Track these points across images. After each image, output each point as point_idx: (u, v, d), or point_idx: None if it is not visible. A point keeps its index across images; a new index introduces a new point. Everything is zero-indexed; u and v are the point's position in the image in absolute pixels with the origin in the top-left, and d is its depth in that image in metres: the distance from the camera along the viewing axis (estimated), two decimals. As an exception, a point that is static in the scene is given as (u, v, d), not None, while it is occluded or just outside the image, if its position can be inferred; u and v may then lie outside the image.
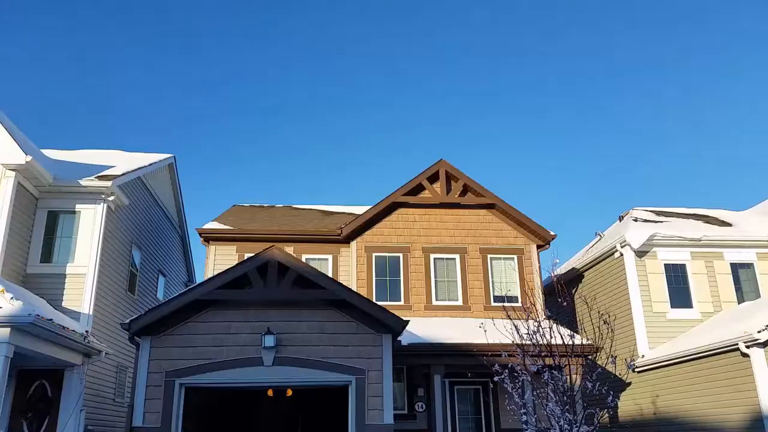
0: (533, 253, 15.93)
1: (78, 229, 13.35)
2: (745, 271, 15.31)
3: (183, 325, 10.42)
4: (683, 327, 14.36)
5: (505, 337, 10.03)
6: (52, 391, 12.27)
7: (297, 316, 10.76)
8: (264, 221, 16.95)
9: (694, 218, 17.04)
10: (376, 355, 10.69)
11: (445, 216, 16.22)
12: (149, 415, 9.85)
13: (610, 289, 15.68)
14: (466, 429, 14.89)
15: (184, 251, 21.44)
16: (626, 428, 14.21)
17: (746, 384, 11.08)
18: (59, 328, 10.75)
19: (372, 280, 15.49)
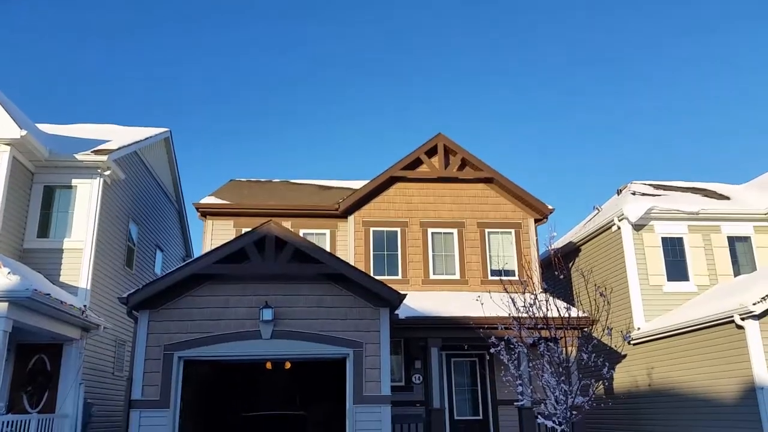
0: (531, 227, 15.94)
1: (74, 204, 13.30)
2: (741, 245, 15.36)
3: (181, 299, 10.47)
4: (679, 300, 14.45)
5: (501, 310, 10.09)
6: (51, 365, 12.34)
7: (295, 290, 10.81)
8: (261, 196, 16.91)
9: (692, 192, 17.03)
10: (374, 329, 10.78)
11: (443, 190, 16.18)
12: (148, 388, 9.94)
13: (607, 263, 15.74)
14: (463, 400, 15.06)
15: (182, 226, 21.42)
16: (621, 399, 14.37)
17: (740, 356, 11.18)
18: (57, 302, 10.77)
19: (370, 255, 15.52)
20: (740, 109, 51.80)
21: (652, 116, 53.97)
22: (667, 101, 53.63)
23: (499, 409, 14.73)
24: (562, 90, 55.65)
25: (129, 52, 53.94)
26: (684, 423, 12.69)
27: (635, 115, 54.21)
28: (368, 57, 58.34)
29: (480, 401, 15.03)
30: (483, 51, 56.52)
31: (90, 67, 52.94)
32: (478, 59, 56.75)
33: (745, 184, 18.18)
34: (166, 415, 9.82)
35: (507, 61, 56.31)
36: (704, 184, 18.11)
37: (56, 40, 51.84)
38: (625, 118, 54.79)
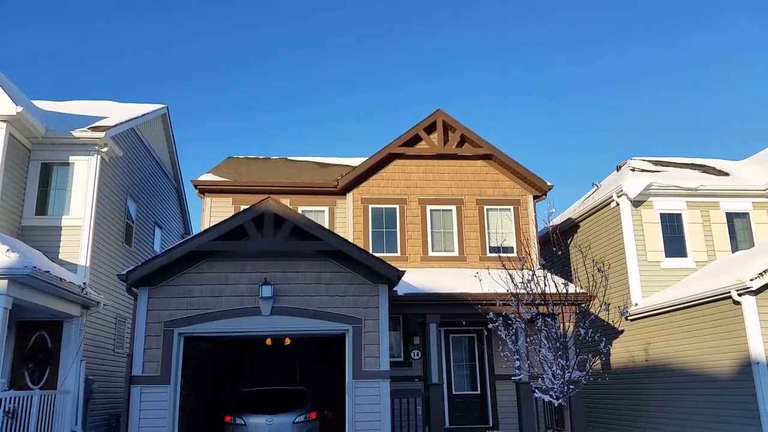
0: (530, 203, 15.93)
1: (72, 181, 13.25)
2: (740, 221, 15.36)
3: (180, 276, 10.50)
4: (677, 276, 14.49)
5: (500, 286, 10.12)
6: (52, 342, 12.42)
7: (294, 267, 10.84)
8: (260, 173, 16.85)
9: (691, 168, 16.99)
10: (373, 305, 10.84)
11: (442, 167, 16.13)
12: (148, 364, 10.02)
13: (606, 239, 15.76)
14: (461, 376, 15.20)
15: (180, 203, 21.39)
16: (618, 374, 14.51)
17: (737, 331, 11.26)
18: (56, 279, 10.80)
19: (368, 232, 15.52)
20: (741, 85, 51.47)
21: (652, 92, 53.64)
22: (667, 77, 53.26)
23: (497, 383, 14.89)
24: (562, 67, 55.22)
25: (124, 30, 53.36)
26: (680, 397, 12.83)
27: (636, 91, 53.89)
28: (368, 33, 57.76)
29: (478, 376, 15.17)
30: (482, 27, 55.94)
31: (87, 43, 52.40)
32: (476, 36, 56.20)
33: (744, 160, 18.13)
34: (166, 390, 9.92)
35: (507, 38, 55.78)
36: (703, 160, 18.06)
37: (51, 17, 51.24)
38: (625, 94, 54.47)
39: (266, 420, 11.23)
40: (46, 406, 10.91)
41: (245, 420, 11.22)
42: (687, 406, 12.57)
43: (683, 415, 12.66)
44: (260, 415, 11.29)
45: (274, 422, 11.22)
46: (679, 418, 12.79)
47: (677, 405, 12.92)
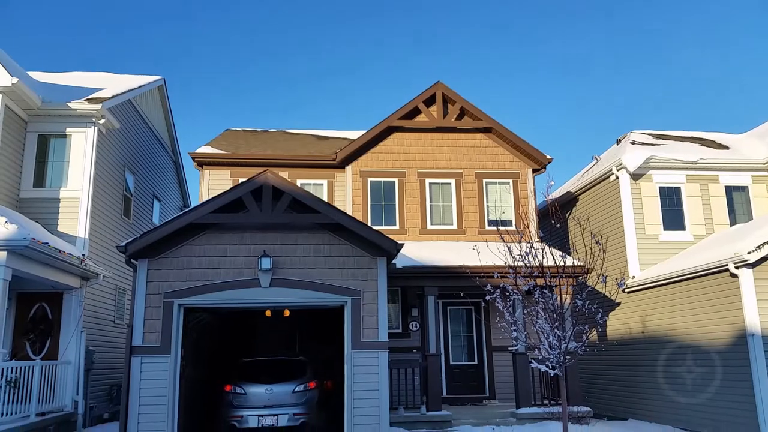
0: (529, 177, 15.91)
1: (69, 153, 13.20)
2: (739, 194, 15.36)
3: (179, 247, 10.52)
4: (675, 249, 14.53)
5: (498, 258, 10.15)
6: (52, 314, 12.50)
7: (293, 239, 10.86)
8: (258, 146, 16.78)
9: (691, 141, 16.92)
10: (371, 277, 10.89)
11: (441, 140, 16.07)
12: (149, 334, 10.09)
13: (604, 212, 15.77)
14: (458, 347, 15.36)
15: (178, 176, 21.34)
16: (614, 345, 14.64)
17: (733, 304, 11.33)
18: (55, 251, 10.82)
19: (367, 205, 15.52)
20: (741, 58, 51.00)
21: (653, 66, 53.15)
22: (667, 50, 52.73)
23: (494, 354, 15.07)
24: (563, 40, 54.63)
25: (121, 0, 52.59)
26: (676, 369, 12.97)
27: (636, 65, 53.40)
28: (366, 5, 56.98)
29: (475, 347, 15.33)
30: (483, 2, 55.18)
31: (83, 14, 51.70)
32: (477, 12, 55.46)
33: (744, 133, 18.05)
34: (167, 360, 10.00)
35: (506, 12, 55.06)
36: (704, 133, 17.97)
37: (45, -14, 50.46)
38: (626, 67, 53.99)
39: (266, 389, 11.36)
40: (47, 376, 11.02)
41: (245, 389, 11.35)
42: (682, 378, 12.71)
43: (678, 385, 12.81)
44: (260, 385, 11.42)
45: (273, 391, 11.35)
46: (674, 388, 12.95)
47: (673, 376, 13.06)
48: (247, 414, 11.15)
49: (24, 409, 10.24)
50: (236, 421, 11.16)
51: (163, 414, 9.79)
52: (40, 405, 10.73)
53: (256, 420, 11.13)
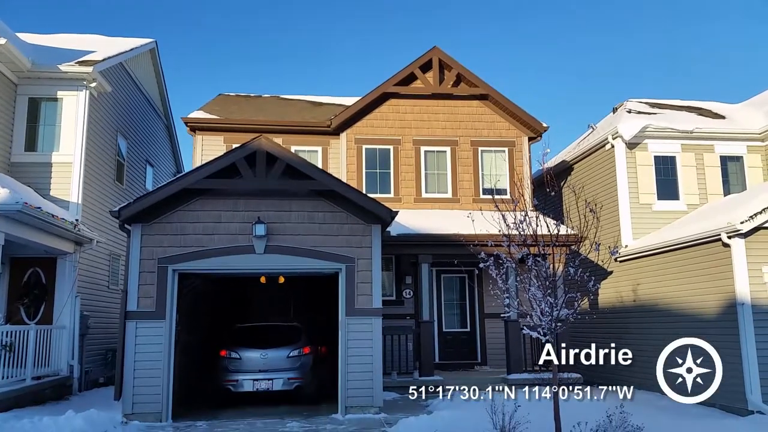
0: (524, 145, 15.87)
1: (61, 117, 13.04)
2: (734, 164, 15.36)
3: (173, 213, 10.47)
4: (669, 218, 14.58)
5: (492, 226, 10.15)
6: (46, 279, 12.51)
7: (287, 206, 10.82)
8: (251, 111, 16.62)
9: (688, 110, 16.85)
10: (366, 245, 10.89)
11: (437, 107, 15.94)
12: (143, 299, 10.11)
13: (599, 181, 15.77)
14: (451, 314, 15.51)
15: (171, 142, 21.16)
16: (606, 313, 14.79)
17: (724, 273, 11.42)
18: (48, 216, 10.77)
19: (362, 173, 15.47)
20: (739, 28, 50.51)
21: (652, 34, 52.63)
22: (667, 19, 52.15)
23: (486, 322, 15.23)
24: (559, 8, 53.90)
25: (110, -41, 51.36)
26: (665, 336, 13.12)
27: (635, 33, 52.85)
28: (362, -33, 55.89)
29: (468, 315, 15.49)
30: (481, -38, 54.20)
31: (70, -26, 50.52)
32: (476, -29, 54.52)
33: (741, 103, 17.97)
34: (162, 325, 10.05)
35: (506, -27, 54.11)
36: (700, 103, 17.89)
37: (33, -55, 49.15)
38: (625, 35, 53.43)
39: (261, 354, 11.47)
40: (42, 340, 11.07)
41: (240, 354, 11.46)
42: (671, 345, 12.88)
43: (667, 353, 12.99)
44: (255, 350, 11.53)
45: (268, 356, 11.46)
46: (663, 356, 13.13)
47: (662, 344, 13.21)
48: (243, 378, 11.28)
49: (20, 372, 10.31)
50: (231, 385, 11.29)
51: (158, 378, 9.87)
52: (36, 369, 10.81)
53: (251, 384, 11.26)
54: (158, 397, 9.84)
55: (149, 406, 9.79)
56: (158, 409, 9.80)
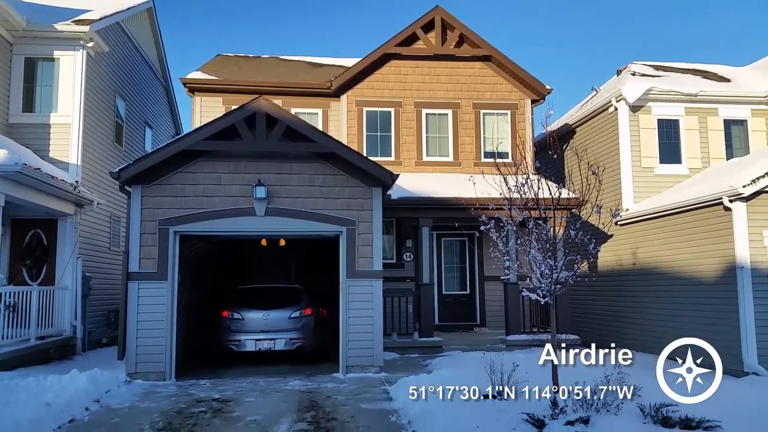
0: (527, 107, 15.71)
1: (58, 77, 12.89)
2: (737, 128, 15.24)
3: (173, 175, 10.43)
4: (670, 182, 14.54)
5: (493, 190, 10.15)
6: (47, 240, 12.55)
7: (287, 168, 10.77)
8: (250, 72, 16.41)
9: (692, 73, 16.64)
10: (366, 208, 10.89)
11: (439, 69, 15.72)
12: (145, 261, 10.15)
13: (601, 145, 15.67)
14: (451, 277, 15.61)
15: (170, 104, 20.96)
16: (605, 276, 14.88)
17: (725, 237, 11.43)
18: (48, 177, 10.74)
19: (363, 135, 15.36)
20: (751, -12, 49.49)
21: (658, -6, 51.60)
22: (675, -22, 51.05)
23: (486, 284, 15.34)
24: (567, -36, 52.71)
25: None
26: (664, 300, 13.25)
27: (641, -7, 51.81)
28: (362, -76, 54.48)
29: (467, 278, 15.59)
30: None
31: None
32: (479, -72, 53.16)
33: (747, 66, 17.74)
34: (164, 286, 10.10)
35: (510, -69, 52.77)
36: (705, 66, 17.65)
37: None
38: None
39: (263, 315, 11.58)
40: (45, 301, 11.17)
41: (242, 315, 11.57)
42: (670, 308, 13.00)
43: (666, 316, 13.12)
44: (257, 310, 11.64)
45: (270, 317, 11.58)
46: (662, 319, 13.26)
47: (661, 307, 13.36)
48: (245, 338, 11.42)
49: (24, 333, 10.43)
50: (234, 345, 11.43)
51: (161, 338, 9.98)
52: (40, 329, 10.92)
53: (253, 344, 11.40)
54: (161, 356, 9.96)
55: (152, 366, 9.92)
56: (161, 368, 9.94)
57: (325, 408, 8.00)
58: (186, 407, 8.05)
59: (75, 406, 7.51)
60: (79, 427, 6.99)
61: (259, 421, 7.29)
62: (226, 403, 8.27)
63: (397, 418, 7.39)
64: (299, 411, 7.83)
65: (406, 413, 7.39)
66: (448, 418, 6.48)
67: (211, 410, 7.89)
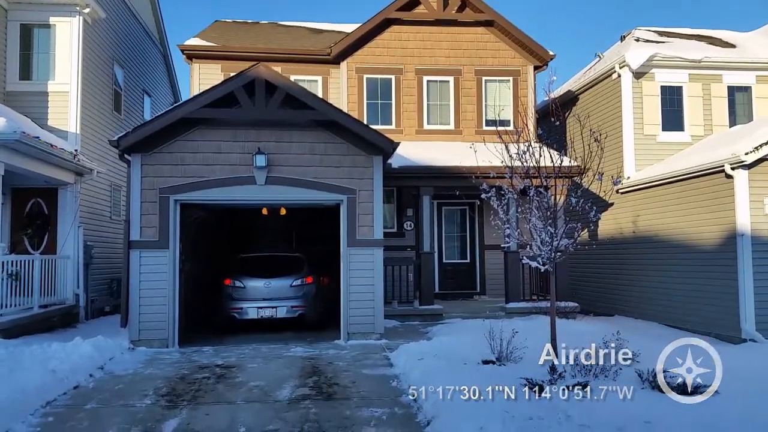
0: (530, 74, 15.54)
1: (55, 44, 12.74)
2: (741, 95, 15.09)
3: (172, 143, 10.38)
4: (672, 150, 14.45)
5: (495, 157, 10.11)
6: (48, 209, 12.55)
7: (287, 137, 10.71)
8: (249, 39, 16.19)
9: (697, 39, 16.39)
10: (367, 176, 10.86)
11: (441, 35, 15.50)
12: (146, 229, 10.17)
13: (604, 112, 15.54)
14: (452, 246, 15.66)
15: (168, 71, 20.74)
16: (605, 244, 14.92)
17: (726, 204, 11.41)
18: (47, 145, 10.69)
19: (363, 103, 15.23)
20: (759, -49, 48.39)
21: (664, -42, 50.55)
22: (682, -59, 49.93)
23: (486, 253, 15.39)
24: (572, -73, 51.52)
25: None
26: (664, 267, 13.29)
27: (647, -43, 50.74)
28: None
29: (468, 246, 15.64)
30: None
31: None
32: None
33: (754, 31, 17.47)
34: (165, 255, 10.13)
35: None
36: (710, 31, 17.38)
37: None
38: (635, -41, 51.30)
39: (264, 283, 11.65)
40: (47, 270, 11.22)
41: (244, 283, 11.64)
42: (670, 276, 13.06)
43: (665, 284, 13.18)
44: (259, 279, 11.70)
45: (272, 285, 11.64)
46: (661, 286, 13.33)
47: (660, 275, 13.42)
48: (247, 306, 11.50)
49: (27, 301, 10.51)
50: (236, 313, 11.52)
51: (163, 306, 10.05)
52: (43, 298, 11.01)
53: (255, 312, 11.49)
54: (164, 324, 10.05)
55: (156, 333, 10.02)
56: (164, 335, 10.04)
57: (327, 374, 8.10)
58: (189, 373, 8.15)
59: (79, 373, 7.61)
60: (84, 394, 7.08)
61: (262, 387, 7.38)
62: (229, 369, 8.37)
63: (397, 383, 7.49)
64: (301, 377, 7.93)
65: (407, 378, 7.48)
66: (447, 383, 6.55)
67: (214, 376, 7.99)
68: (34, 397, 6.46)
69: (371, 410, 6.38)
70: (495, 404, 5.68)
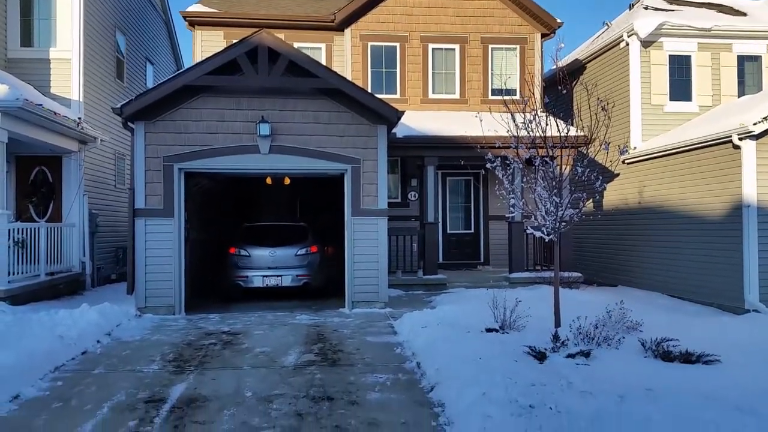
0: (537, 42, 15.32)
1: (56, 10, 12.59)
2: (751, 64, 14.86)
3: (176, 111, 10.33)
4: (680, 120, 14.31)
5: (501, 127, 10.04)
6: (52, 177, 12.55)
7: (291, 105, 10.64)
8: (252, 4, 15.96)
9: (707, 7, 16.07)
10: (371, 146, 10.81)
11: (447, 1, 15.25)
12: (151, 197, 10.18)
13: (611, 81, 15.35)
14: (456, 217, 15.64)
15: (170, 38, 20.52)
16: (611, 215, 14.89)
17: (733, 175, 11.33)
18: (50, 113, 10.64)
19: (367, 72, 15.08)
20: None
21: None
22: None
23: (490, 223, 15.39)
24: None
25: None
26: (669, 238, 13.27)
27: None
28: None
29: (472, 217, 15.63)
30: None
31: None
32: None
33: (766, -1, 17.11)
34: (170, 223, 10.17)
35: None
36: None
37: None
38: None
39: (269, 252, 11.70)
40: (53, 238, 11.28)
41: (249, 251, 11.69)
42: (675, 247, 13.05)
43: (670, 254, 13.18)
44: (264, 248, 11.75)
45: (277, 254, 11.70)
46: (665, 257, 13.33)
47: (665, 245, 13.41)
48: (252, 275, 11.57)
49: (33, 269, 10.59)
50: (242, 281, 11.60)
51: (169, 273, 10.12)
52: (49, 265, 11.08)
53: (260, 280, 11.56)
54: (170, 291, 10.13)
55: (162, 300, 10.11)
56: (171, 302, 10.13)
57: (332, 341, 8.18)
58: (196, 339, 8.24)
59: (87, 339, 7.70)
60: (92, 359, 7.17)
61: (267, 353, 7.47)
62: (236, 336, 8.46)
63: (401, 350, 7.56)
64: (306, 343, 8.01)
65: (411, 346, 7.56)
66: (450, 350, 6.61)
67: (220, 342, 8.07)
68: (43, 362, 6.55)
69: (375, 376, 6.46)
70: (498, 371, 5.74)
